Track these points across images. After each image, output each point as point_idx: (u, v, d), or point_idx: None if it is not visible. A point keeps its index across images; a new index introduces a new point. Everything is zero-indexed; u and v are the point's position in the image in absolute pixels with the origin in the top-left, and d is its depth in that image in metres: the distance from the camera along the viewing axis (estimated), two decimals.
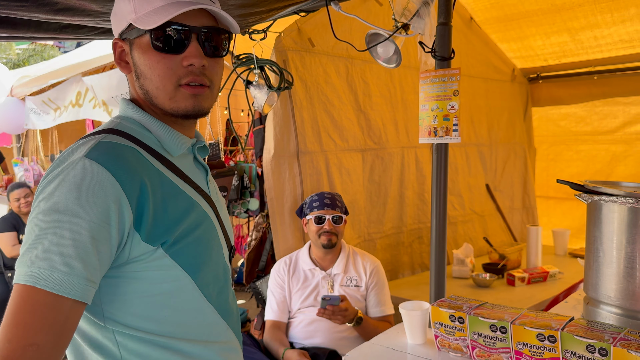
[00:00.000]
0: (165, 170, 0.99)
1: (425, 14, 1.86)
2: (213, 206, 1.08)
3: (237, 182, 3.18)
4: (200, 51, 0.99)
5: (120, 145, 0.94)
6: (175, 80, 0.98)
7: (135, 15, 0.97)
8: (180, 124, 1.06)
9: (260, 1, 1.58)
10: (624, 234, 1.40)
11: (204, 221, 1.02)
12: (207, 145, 1.16)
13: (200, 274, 1.00)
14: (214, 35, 1.01)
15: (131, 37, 1.00)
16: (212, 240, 1.04)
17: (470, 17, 3.80)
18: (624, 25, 3.52)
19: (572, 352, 1.15)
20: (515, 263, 3.31)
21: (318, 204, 2.40)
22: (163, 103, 1.00)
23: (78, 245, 0.85)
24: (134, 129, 1.00)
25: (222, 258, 1.09)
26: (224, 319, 1.07)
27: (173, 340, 0.97)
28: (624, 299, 1.41)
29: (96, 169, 0.88)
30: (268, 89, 2.29)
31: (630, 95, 4.10)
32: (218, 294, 1.06)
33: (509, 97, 4.34)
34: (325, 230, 2.36)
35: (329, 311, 2.14)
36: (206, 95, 1.02)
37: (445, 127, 1.86)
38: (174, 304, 0.97)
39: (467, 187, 3.93)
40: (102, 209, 0.87)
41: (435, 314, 1.37)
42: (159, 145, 1.02)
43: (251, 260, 2.89)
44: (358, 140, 3.15)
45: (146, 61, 0.98)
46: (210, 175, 1.15)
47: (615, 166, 4.30)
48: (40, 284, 0.83)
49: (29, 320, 0.82)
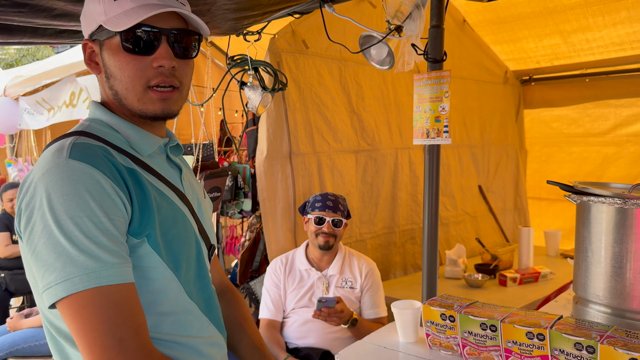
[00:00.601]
0: (138, 168, 1.01)
1: (417, 17, 1.88)
2: (188, 204, 1.10)
3: (231, 183, 3.19)
4: (170, 53, 1.00)
5: (93, 146, 0.95)
6: (144, 82, 0.99)
7: (106, 17, 0.98)
8: (149, 125, 1.07)
9: (254, 5, 1.59)
10: (612, 234, 1.42)
11: (180, 219, 1.04)
12: (181, 145, 1.18)
13: (181, 271, 1.03)
14: (184, 37, 1.02)
15: (101, 39, 1.01)
16: (189, 238, 1.06)
17: (463, 20, 3.83)
18: (615, 28, 3.57)
19: (561, 349, 1.17)
20: (507, 264, 3.34)
21: (320, 204, 2.41)
22: (132, 104, 1.01)
23: (112, 239, 0.89)
24: (102, 130, 1.02)
25: (202, 255, 1.11)
26: (206, 315, 1.09)
27: (157, 335, 0.99)
28: (612, 298, 1.43)
29: (87, 169, 0.89)
30: (262, 90, 2.30)
31: (621, 97, 4.15)
32: (199, 291, 1.08)
33: (501, 99, 4.38)
34: (324, 231, 2.38)
35: (324, 313, 2.16)
36: (175, 98, 1.04)
37: (437, 128, 1.88)
38: (161, 301, 0.99)
39: (459, 188, 3.96)
40: (113, 204, 0.90)
41: (426, 313, 1.38)
42: (128, 146, 1.03)
43: (245, 260, 2.90)
44: (352, 141, 3.17)
45: (116, 62, 0.99)
46: (184, 174, 1.16)
47: (607, 168, 4.35)
48: (106, 281, 0.87)
49: (122, 315, 0.87)
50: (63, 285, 0.85)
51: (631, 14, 3.38)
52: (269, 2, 1.58)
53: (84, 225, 0.86)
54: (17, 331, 3.07)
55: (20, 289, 4.02)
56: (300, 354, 2.29)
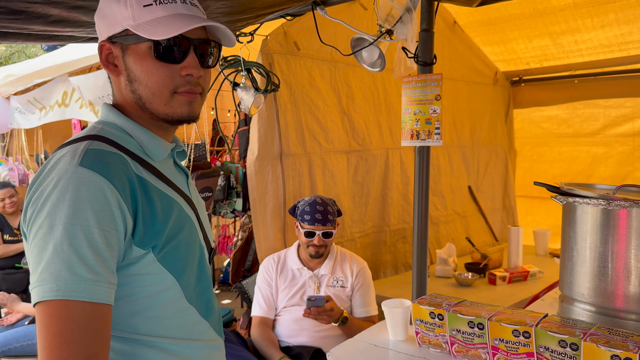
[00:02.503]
0: (149, 175, 1.02)
1: (408, 20, 1.90)
2: (194, 208, 1.12)
3: (224, 183, 3.21)
4: (197, 62, 1.03)
5: (107, 152, 0.96)
6: (172, 88, 1.02)
7: (134, 22, 0.99)
8: (164, 130, 1.09)
9: (247, 8, 1.61)
10: (596, 234, 1.46)
11: (186, 223, 1.06)
12: (186, 150, 1.20)
13: (184, 276, 1.04)
14: (208, 47, 1.06)
15: (126, 43, 1.02)
16: (194, 243, 1.08)
17: (453, 21, 3.87)
18: (603, 31, 3.62)
19: (546, 347, 1.20)
20: (496, 262, 3.38)
21: (309, 217, 2.38)
22: (157, 108, 1.03)
23: (97, 252, 0.87)
24: (116, 134, 1.03)
25: (204, 259, 1.12)
26: (206, 318, 1.10)
27: (157, 338, 1.00)
28: (597, 296, 1.47)
29: (95, 177, 0.90)
30: (255, 91, 2.32)
31: (610, 97, 4.21)
32: (199, 295, 1.09)
33: (491, 100, 4.42)
34: (314, 244, 2.39)
35: (314, 311, 2.18)
36: (199, 102, 1.07)
37: (428, 130, 1.91)
38: (158, 305, 1.00)
39: (449, 188, 4.00)
40: (111, 216, 0.90)
41: (416, 311, 1.41)
42: (140, 151, 1.04)
43: (237, 260, 2.92)
44: (343, 142, 3.20)
45: (144, 67, 1.01)
46: (190, 179, 1.19)
47: (597, 167, 4.40)
48: (74, 295, 0.85)
49: (77, 334, 0.84)
50: (37, 290, 0.86)
51: (619, 17, 3.43)
52: (261, 5, 1.60)
53: (74, 234, 0.86)
54: (10, 330, 3.08)
55: (12, 288, 4.01)
56: (291, 353, 2.32)
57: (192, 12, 1.04)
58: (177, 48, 1.00)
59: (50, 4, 1.37)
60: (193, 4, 1.05)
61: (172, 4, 1.01)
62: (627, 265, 1.41)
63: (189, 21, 1.00)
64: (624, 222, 1.40)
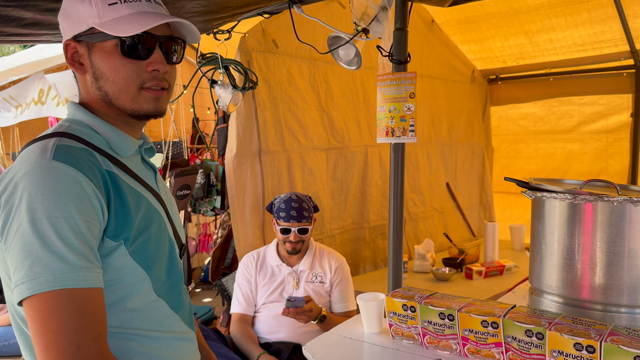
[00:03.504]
0: (118, 170, 1.04)
1: (383, 19, 1.93)
2: (163, 204, 1.14)
3: (203, 180, 3.21)
4: (163, 58, 1.06)
5: (77, 148, 0.97)
6: (139, 83, 1.04)
7: (100, 20, 1.01)
8: (131, 126, 1.11)
9: (223, 7, 1.62)
10: (563, 227, 1.51)
11: (156, 218, 1.08)
12: (164, 147, 1.22)
13: (154, 269, 1.06)
14: (173, 44, 1.10)
15: (92, 41, 1.04)
16: (164, 237, 1.10)
17: (431, 20, 3.91)
18: (577, 29, 3.70)
19: (513, 336, 1.24)
20: (473, 257, 3.44)
21: (285, 214, 2.40)
22: (124, 104, 1.05)
23: (84, 242, 0.90)
24: (83, 131, 1.04)
25: (174, 254, 1.15)
26: (176, 311, 1.12)
27: (127, 330, 1.02)
28: (564, 288, 1.52)
29: (70, 171, 0.91)
30: (233, 89, 2.33)
31: (584, 95, 4.30)
32: (169, 289, 1.11)
33: (469, 98, 4.49)
34: (290, 240, 2.42)
35: (292, 311, 2.21)
36: (165, 98, 1.10)
37: (402, 127, 1.94)
38: (129, 298, 1.02)
39: (428, 184, 4.05)
40: (91, 208, 0.92)
41: (389, 304, 1.44)
42: (108, 147, 1.06)
43: (217, 257, 2.93)
44: (322, 139, 3.22)
45: (110, 64, 1.03)
46: (158, 174, 1.21)
47: (572, 163, 4.50)
48: (71, 284, 0.87)
49: (83, 320, 0.87)
50: (28, 285, 0.86)
51: (592, 16, 3.51)
52: (237, 4, 1.61)
53: (59, 226, 0.87)
54: None
55: None
56: (271, 349, 2.34)
57: (157, 9, 1.07)
58: (143, 45, 1.03)
59: (23, 7, 1.37)
60: (157, 2, 1.08)
61: (136, 3, 1.04)
62: (593, 258, 1.46)
63: (154, 18, 1.03)
64: (589, 216, 1.45)
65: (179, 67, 1.27)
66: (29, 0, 1.29)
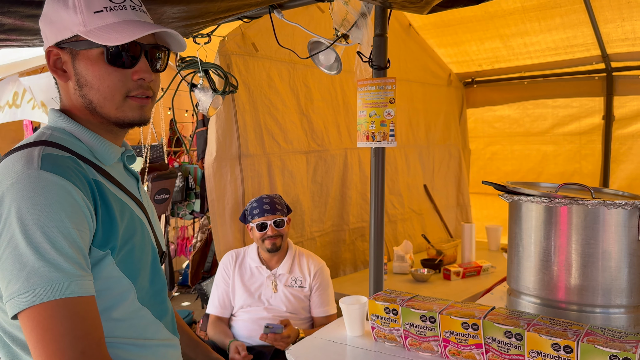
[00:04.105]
0: (102, 178, 1.03)
1: (363, 25, 1.95)
2: (145, 212, 1.14)
3: (182, 184, 3.20)
4: (148, 67, 1.06)
5: (62, 157, 0.96)
6: (124, 92, 1.04)
7: (85, 28, 1.00)
8: (114, 134, 1.11)
9: (204, 13, 1.62)
10: (540, 230, 1.54)
11: (139, 227, 1.08)
12: (142, 151, 1.23)
13: (139, 278, 1.06)
14: (158, 51, 1.10)
15: (77, 48, 1.03)
16: (147, 246, 1.10)
17: (409, 24, 3.96)
18: (550, 34, 3.78)
19: (493, 338, 1.27)
20: (451, 258, 3.49)
21: (258, 211, 2.44)
22: (109, 112, 1.04)
23: (78, 250, 0.90)
24: (66, 139, 1.03)
25: (157, 262, 1.15)
26: (159, 319, 1.12)
27: (112, 339, 1.01)
28: (541, 289, 1.56)
29: (60, 181, 0.91)
30: (213, 93, 2.33)
31: (558, 98, 4.40)
32: (152, 297, 1.11)
33: (446, 101, 4.55)
34: (269, 235, 2.42)
35: (271, 337, 2.23)
36: (149, 106, 1.10)
37: (383, 132, 1.96)
38: (114, 307, 1.02)
39: (406, 186, 4.09)
40: (82, 217, 0.92)
41: (371, 307, 1.46)
42: (91, 155, 1.05)
43: (196, 261, 2.91)
44: (302, 142, 3.23)
45: (95, 72, 1.02)
46: (140, 183, 1.21)
47: (546, 165, 4.60)
48: (69, 293, 0.87)
49: (85, 327, 0.88)
50: (26, 296, 0.85)
51: (565, 21, 3.60)
52: (218, 10, 1.61)
53: (53, 235, 0.87)
54: None
55: None
56: (252, 352, 2.33)
57: (142, 18, 1.07)
58: (128, 53, 1.03)
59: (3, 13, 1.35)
60: (142, 10, 1.08)
61: (122, 11, 1.03)
62: (568, 259, 1.50)
63: (142, 28, 1.02)
64: (564, 219, 1.49)
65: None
66: (9, 7, 1.27)
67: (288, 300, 2.43)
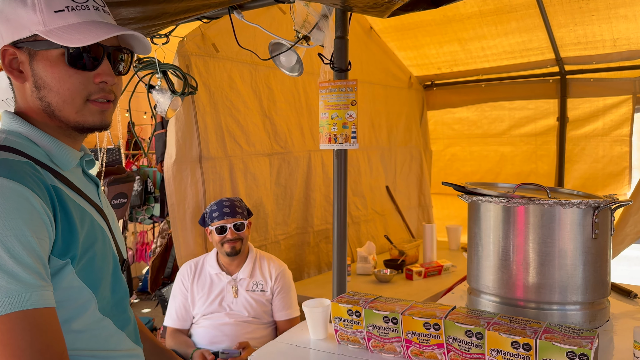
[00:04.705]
0: (61, 184, 0.99)
1: (324, 27, 1.95)
2: (105, 219, 1.11)
3: (141, 188, 3.12)
4: (111, 70, 1.02)
5: (19, 162, 0.92)
6: (85, 95, 1.00)
7: (45, 28, 0.96)
8: (72, 138, 1.06)
9: (160, 14, 1.59)
10: (498, 230, 1.57)
11: (100, 235, 1.04)
12: (98, 154, 1.19)
13: (100, 288, 1.03)
14: (121, 54, 1.06)
15: (35, 48, 0.98)
16: (108, 254, 1.07)
17: (370, 27, 3.99)
18: (506, 38, 3.88)
19: (454, 337, 1.28)
20: (413, 258, 3.52)
21: (218, 214, 2.40)
22: (68, 116, 1.00)
23: (38, 259, 0.86)
24: (22, 143, 0.99)
25: (118, 270, 1.11)
26: (122, 329, 1.09)
27: (73, 352, 0.98)
28: (500, 288, 1.59)
29: (17, 187, 0.87)
30: (171, 94, 2.28)
31: (514, 100, 4.52)
32: (114, 307, 1.08)
33: (407, 103, 4.61)
34: (228, 238, 2.38)
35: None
36: (111, 110, 1.06)
37: (345, 134, 1.96)
38: (74, 319, 0.98)
39: (369, 188, 4.12)
40: (41, 224, 0.88)
41: (334, 310, 1.46)
42: (49, 160, 1.01)
43: (156, 267, 2.85)
44: (265, 144, 3.21)
45: (55, 74, 0.98)
46: (101, 189, 1.17)
47: (504, 165, 4.71)
48: (29, 304, 0.83)
49: (46, 339, 0.85)
50: None
51: (520, 25, 3.69)
52: (175, 10, 1.58)
53: (10, 244, 0.83)
54: None
55: None
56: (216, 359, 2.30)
57: (106, 19, 1.03)
58: (90, 55, 0.99)
59: None
60: (105, 11, 1.04)
61: (85, 11, 0.99)
62: (526, 258, 1.53)
63: (105, 29, 0.99)
64: (522, 218, 1.53)
65: None
66: None
67: (250, 305, 2.40)
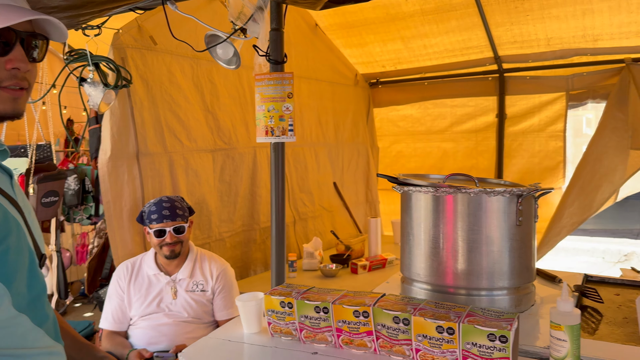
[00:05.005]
0: None
1: (260, 19, 1.94)
2: (21, 212, 1.06)
3: (78, 186, 3.01)
4: (24, 56, 0.99)
5: None
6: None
7: None
8: None
9: (86, 3, 1.53)
10: (429, 219, 1.61)
11: (14, 228, 1.00)
12: (7, 149, 1.13)
13: (14, 283, 0.98)
14: (36, 40, 1.03)
15: None
16: (23, 248, 1.02)
17: (315, 24, 3.99)
18: (447, 36, 3.97)
19: (383, 324, 1.30)
20: (359, 253, 3.56)
21: (156, 216, 2.30)
22: None
23: None
24: None
25: (35, 265, 1.07)
26: (39, 326, 1.05)
27: None
28: (431, 275, 1.62)
29: None
30: (104, 87, 2.21)
31: (455, 98, 4.64)
32: (30, 303, 1.04)
33: (353, 101, 4.65)
34: (167, 242, 2.30)
35: None
36: (24, 98, 1.02)
37: (282, 127, 1.96)
38: None
39: (316, 184, 4.13)
40: None
41: (267, 303, 1.45)
42: None
43: (93, 268, 2.76)
44: (207, 140, 3.15)
45: None
46: (15, 180, 1.12)
47: (447, 161, 4.83)
48: None
49: None
50: None
51: (460, 24, 3.79)
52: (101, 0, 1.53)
53: None
54: None
55: None
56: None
57: (19, 3, 0.99)
58: (1, 40, 0.95)
59: None
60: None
61: None
62: (455, 246, 1.57)
63: (18, 13, 0.95)
64: (450, 207, 1.57)
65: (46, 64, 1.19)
66: None
67: (189, 306, 2.34)
